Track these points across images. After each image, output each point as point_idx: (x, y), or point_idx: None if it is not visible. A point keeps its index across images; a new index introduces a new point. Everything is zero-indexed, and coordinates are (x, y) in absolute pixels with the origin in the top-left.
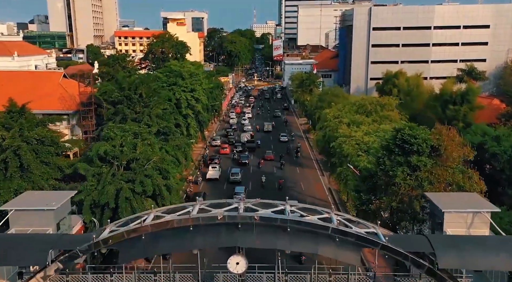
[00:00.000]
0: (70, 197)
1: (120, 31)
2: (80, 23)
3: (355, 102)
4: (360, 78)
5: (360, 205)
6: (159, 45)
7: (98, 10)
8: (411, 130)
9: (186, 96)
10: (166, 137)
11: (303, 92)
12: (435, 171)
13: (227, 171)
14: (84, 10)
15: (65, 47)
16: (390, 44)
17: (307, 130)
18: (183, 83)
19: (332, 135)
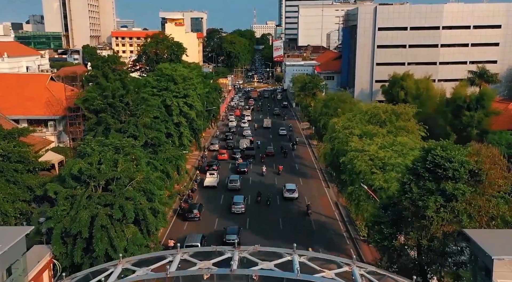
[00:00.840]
0: (30, 231)
1: (117, 32)
2: (76, 23)
3: (367, 110)
4: (364, 80)
5: (381, 241)
6: (153, 46)
7: (94, 10)
8: (445, 150)
9: (178, 103)
10: (155, 149)
11: (305, 96)
12: (475, 201)
13: (226, 179)
14: (80, 10)
15: (60, 47)
16: (396, 45)
17: (309, 135)
18: (175, 88)
19: (341, 149)
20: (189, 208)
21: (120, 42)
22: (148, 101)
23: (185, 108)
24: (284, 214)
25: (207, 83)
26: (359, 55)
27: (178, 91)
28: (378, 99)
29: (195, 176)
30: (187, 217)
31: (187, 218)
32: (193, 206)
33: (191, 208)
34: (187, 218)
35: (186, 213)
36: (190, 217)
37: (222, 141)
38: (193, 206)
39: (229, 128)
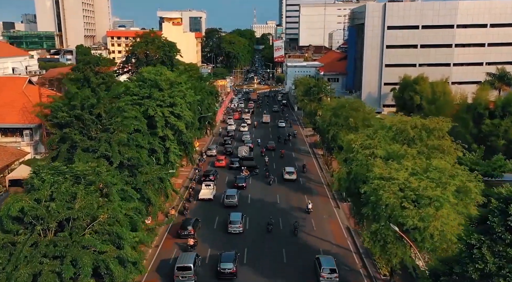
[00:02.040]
0: None
1: (112, 31)
2: (70, 22)
3: (391, 125)
4: (372, 83)
5: None
6: (142, 46)
7: (89, 9)
8: None
9: (163, 113)
10: (134, 171)
11: (310, 101)
12: None
13: (222, 194)
14: (74, 9)
15: (53, 48)
16: (407, 45)
17: (314, 144)
18: (160, 96)
19: (361, 173)
20: (183, 224)
21: (116, 42)
22: (125, 112)
23: (171, 118)
24: (288, 242)
25: (202, 86)
26: (367, 56)
27: (163, 99)
28: (387, 103)
29: (190, 187)
30: (180, 234)
31: (181, 235)
32: (187, 222)
33: (185, 224)
34: (181, 235)
35: (179, 229)
36: (183, 234)
37: (220, 146)
38: (187, 221)
39: (227, 132)
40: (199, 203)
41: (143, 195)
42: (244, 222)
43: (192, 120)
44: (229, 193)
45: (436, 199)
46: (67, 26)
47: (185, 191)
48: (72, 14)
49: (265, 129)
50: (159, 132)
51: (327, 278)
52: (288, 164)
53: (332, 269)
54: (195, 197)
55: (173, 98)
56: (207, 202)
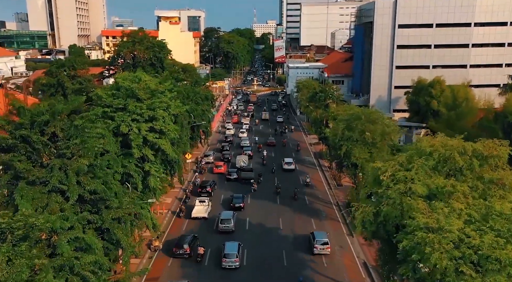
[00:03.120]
0: None
1: (107, 31)
2: (63, 21)
3: (432, 151)
4: (382, 86)
5: None
6: (129, 46)
7: (83, 8)
8: None
9: (139, 129)
10: (99, 207)
11: (316, 108)
12: None
13: (219, 208)
14: (67, 7)
15: (46, 47)
16: (419, 45)
17: (319, 153)
18: (137, 108)
19: (393, 216)
20: (179, 241)
21: (111, 42)
22: (88, 129)
23: (150, 136)
24: None
25: (196, 91)
26: (376, 57)
27: (141, 112)
28: (398, 107)
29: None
30: (175, 252)
31: (175, 254)
32: (183, 239)
33: (181, 241)
34: (175, 254)
35: (174, 247)
36: (178, 253)
37: (217, 152)
38: (183, 239)
39: (225, 137)
40: (190, 222)
41: (108, 239)
42: (242, 254)
43: (178, 136)
44: (224, 216)
45: (509, 263)
46: (60, 25)
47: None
48: (65, 12)
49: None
50: (135, 153)
51: (320, 249)
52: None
53: (324, 242)
54: (187, 214)
55: (154, 110)
56: (200, 222)
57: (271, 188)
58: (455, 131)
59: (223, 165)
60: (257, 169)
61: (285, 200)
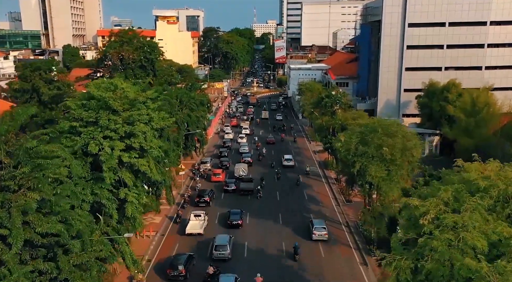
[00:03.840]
0: None
1: (103, 30)
2: (57, 21)
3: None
4: (390, 89)
5: None
6: (116, 47)
7: (78, 7)
8: None
9: (113, 147)
10: (55, 251)
11: (322, 115)
12: None
13: (214, 226)
14: (62, 6)
15: (39, 47)
16: (431, 45)
17: (324, 162)
18: (111, 123)
19: (438, 274)
20: (172, 262)
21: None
22: (40, 153)
23: (125, 156)
24: None
25: (191, 96)
26: (384, 58)
27: (115, 128)
28: (408, 112)
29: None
30: (169, 274)
31: (169, 277)
32: (177, 259)
33: (175, 262)
34: (169, 276)
35: (168, 269)
36: (172, 275)
37: (215, 158)
38: (178, 259)
39: (223, 142)
40: (182, 240)
41: None
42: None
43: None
44: (219, 241)
45: None
46: (54, 25)
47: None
48: (59, 12)
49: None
50: (107, 178)
51: (318, 234)
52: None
53: (323, 228)
54: (180, 230)
55: (132, 124)
56: (194, 240)
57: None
58: (474, 139)
59: (221, 173)
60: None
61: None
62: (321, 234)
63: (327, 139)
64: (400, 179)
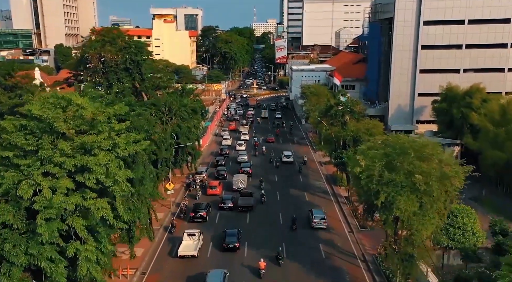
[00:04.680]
0: None
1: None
2: (49, 19)
3: None
4: (403, 92)
5: None
6: (96, 48)
7: (72, 5)
8: None
9: (55, 189)
10: None
11: (332, 125)
12: None
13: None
14: (54, 4)
15: (30, 47)
16: (448, 45)
17: (333, 177)
18: (56, 154)
19: None
20: None
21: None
22: None
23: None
24: None
25: (182, 103)
26: (396, 59)
27: (60, 161)
28: (423, 119)
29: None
30: None
31: None
32: None
33: None
34: None
35: None
36: None
37: (212, 167)
38: None
39: (220, 150)
40: (173, 264)
41: None
42: None
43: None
44: (211, 277)
45: None
46: (46, 24)
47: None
48: (52, 10)
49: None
50: (43, 234)
51: (317, 223)
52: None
53: (321, 217)
54: (172, 251)
55: (89, 153)
56: (186, 266)
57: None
58: (505, 153)
59: (218, 185)
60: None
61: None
62: (320, 223)
63: (337, 153)
64: (435, 213)
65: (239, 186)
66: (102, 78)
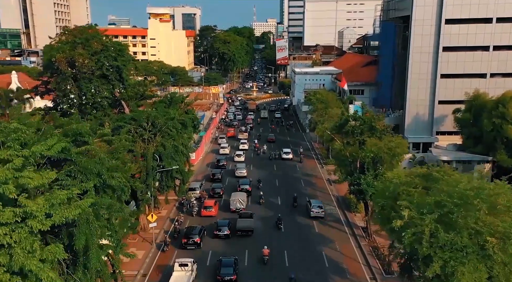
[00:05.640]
0: None
1: None
2: (39, 18)
3: None
4: (421, 100)
5: None
6: (64, 50)
7: (63, 3)
8: None
9: None
10: None
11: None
12: None
13: None
14: (44, 3)
15: (19, 47)
16: (473, 47)
17: (345, 200)
18: None
19: None
20: None
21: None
22: None
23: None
24: None
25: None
26: (414, 62)
27: None
28: (444, 129)
29: None
30: None
31: None
32: None
33: None
34: None
35: None
36: None
37: (207, 180)
38: None
39: (217, 161)
40: None
41: None
42: None
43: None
44: None
45: None
46: (36, 23)
47: None
48: (42, 9)
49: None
50: None
51: (316, 212)
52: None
53: (319, 206)
54: None
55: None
56: None
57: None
58: None
59: (214, 205)
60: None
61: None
62: (318, 212)
63: (354, 178)
64: None
65: (238, 207)
66: (73, 87)
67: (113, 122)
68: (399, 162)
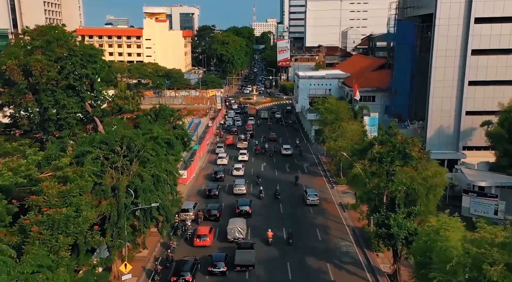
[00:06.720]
0: None
1: (83, 29)
2: (28, 18)
3: None
4: (446, 110)
5: None
6: (18, 56)
7: (54, 2)
8: None
9: None
10: None
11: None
12: None
13: None
14: (34, 1)
15: None
16: (507, 49)
17: (362, 232)
18: None
19: None
20: None
21: (88, 42)
22: None
23: None
24: None
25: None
26: (437, 67)
27: None
28: (472, 144)
29: None
30: None
31: None
32: None
33: None
34: None
35: None
36: None
37: (202, 197)
38: None
39: (214, 173)
40: None
41: None
42: None
43: None
44: None
45: None
46: (25, 23)
47: None
48: (31, 8)
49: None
50: None
51: (311, 199)
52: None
53: (315, 194)
54: None
55: None
56: None
57: None
58: None
59: (209, 233)
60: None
61: None
62: (313, 200)
63: (381, 216)
64: None
65: (236, 236)
66: (30, 102)
67: (78, 146)
68: (436, 197)
